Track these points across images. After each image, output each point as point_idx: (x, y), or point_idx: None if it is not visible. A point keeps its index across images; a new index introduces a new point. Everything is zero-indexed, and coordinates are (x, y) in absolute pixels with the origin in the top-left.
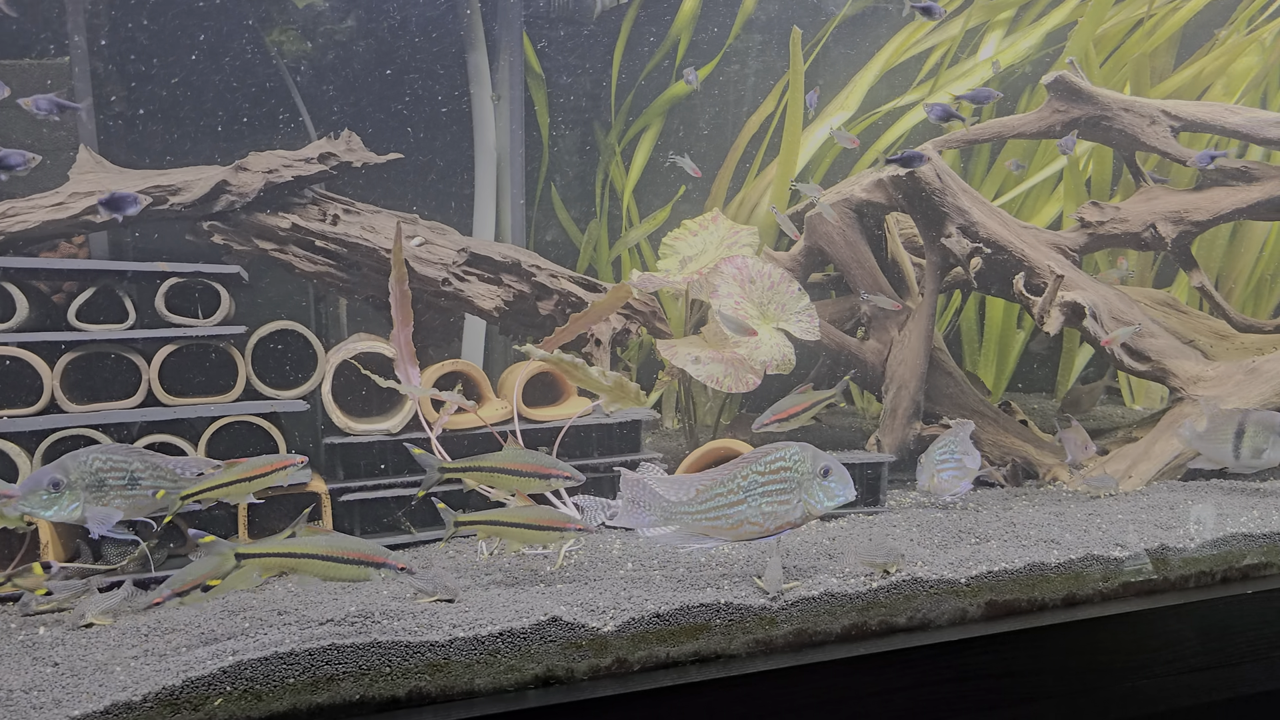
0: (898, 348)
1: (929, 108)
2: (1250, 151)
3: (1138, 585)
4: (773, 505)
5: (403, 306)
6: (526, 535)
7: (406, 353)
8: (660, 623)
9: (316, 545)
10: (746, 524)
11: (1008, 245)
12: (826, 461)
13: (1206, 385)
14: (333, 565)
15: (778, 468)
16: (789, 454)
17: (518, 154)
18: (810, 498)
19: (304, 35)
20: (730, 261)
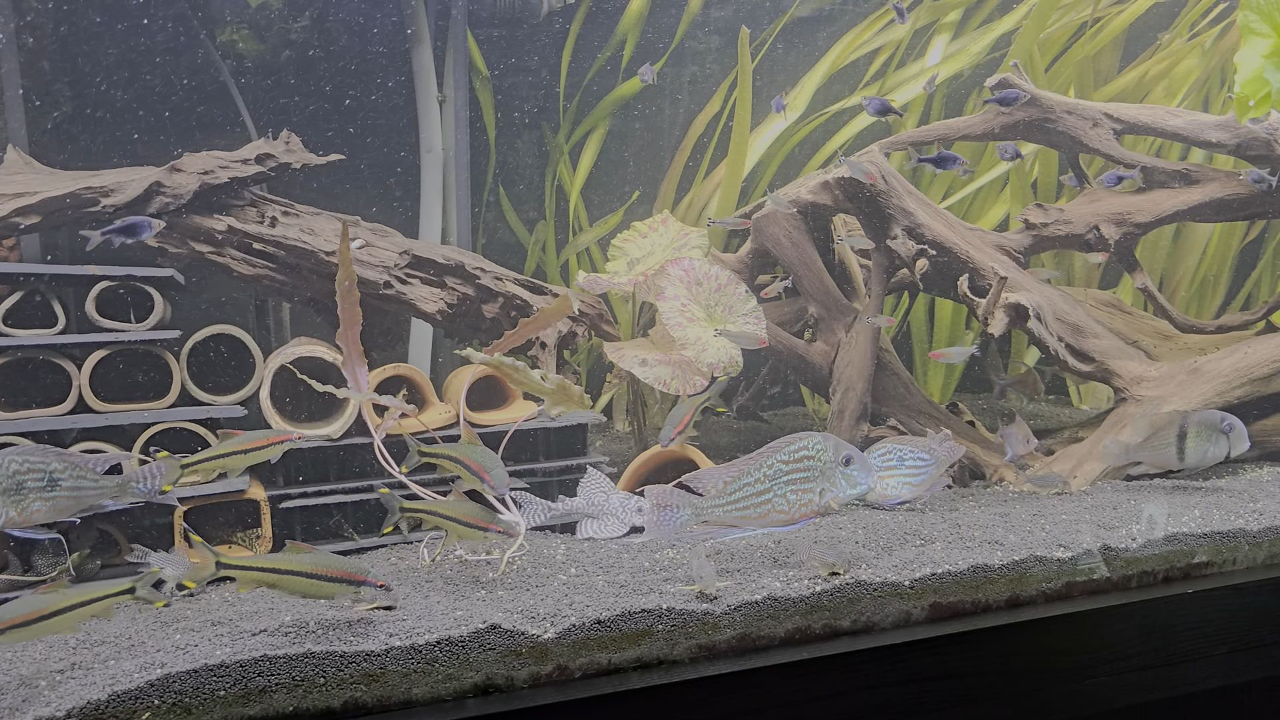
0: (845, 349)
1: (867, 101)
2: (1192, 154)
3: (1081, 586)
4: (797, 494)
5: (350, 306)
6: (458, 530)
7: (354, 353)
8: (602, 629)
9: (299, 562)
10: (774, 512)
11: (953, 247)
12: (848, 450)
13: (1150, 385)
14: (314, 583)
15: (801, 456)
16: (811, 443)
17: (463, 155)
18: (833, 486)
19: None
20: (677, 263)
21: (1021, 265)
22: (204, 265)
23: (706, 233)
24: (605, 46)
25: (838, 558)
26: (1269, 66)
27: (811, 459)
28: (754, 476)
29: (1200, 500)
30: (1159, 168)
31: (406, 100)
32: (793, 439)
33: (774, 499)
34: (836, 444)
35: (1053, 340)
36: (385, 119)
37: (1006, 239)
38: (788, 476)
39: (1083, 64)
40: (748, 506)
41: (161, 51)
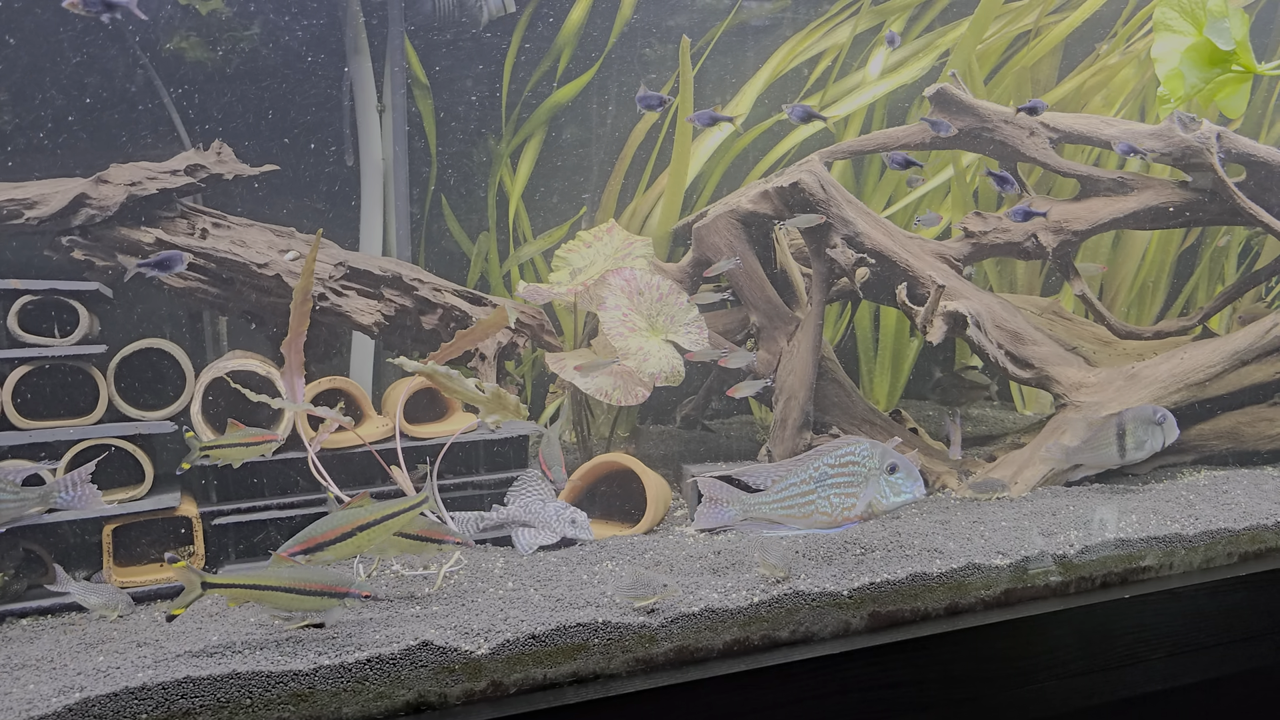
0: (787, 358)
1: (790, 110)
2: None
3: (1020, 592)
4: (841, 497)
5: (300, 317)
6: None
7: (295, 364)
8: (537, 644)
9: (281, 577)
10: (817, 514)
11: (892, 255)
12: (895, 459)
13: (1088, 391)
14: (297, 597)
15: (847, 461)
16: (859, 449)
17: (402, 165)
18: (876, 493)
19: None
20: (618, 273)
21: (961, 273)
22: (134, 279)
23: (650, 241)
24: (545, 56)
25: (779, 560)
26: (1186, 63)
27: (857, 464)
28: (800, 477)
29: (1138, 505)
30: (1096, 176)
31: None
32: (841, 443)
33: (818, 501)
34: (884, 452)
35: (992, 347)
36: (325, 129)
37: (946, 247)
38: (833, 480)
39: (1021, 74)
40: (793, 506)
41: (91, 60)
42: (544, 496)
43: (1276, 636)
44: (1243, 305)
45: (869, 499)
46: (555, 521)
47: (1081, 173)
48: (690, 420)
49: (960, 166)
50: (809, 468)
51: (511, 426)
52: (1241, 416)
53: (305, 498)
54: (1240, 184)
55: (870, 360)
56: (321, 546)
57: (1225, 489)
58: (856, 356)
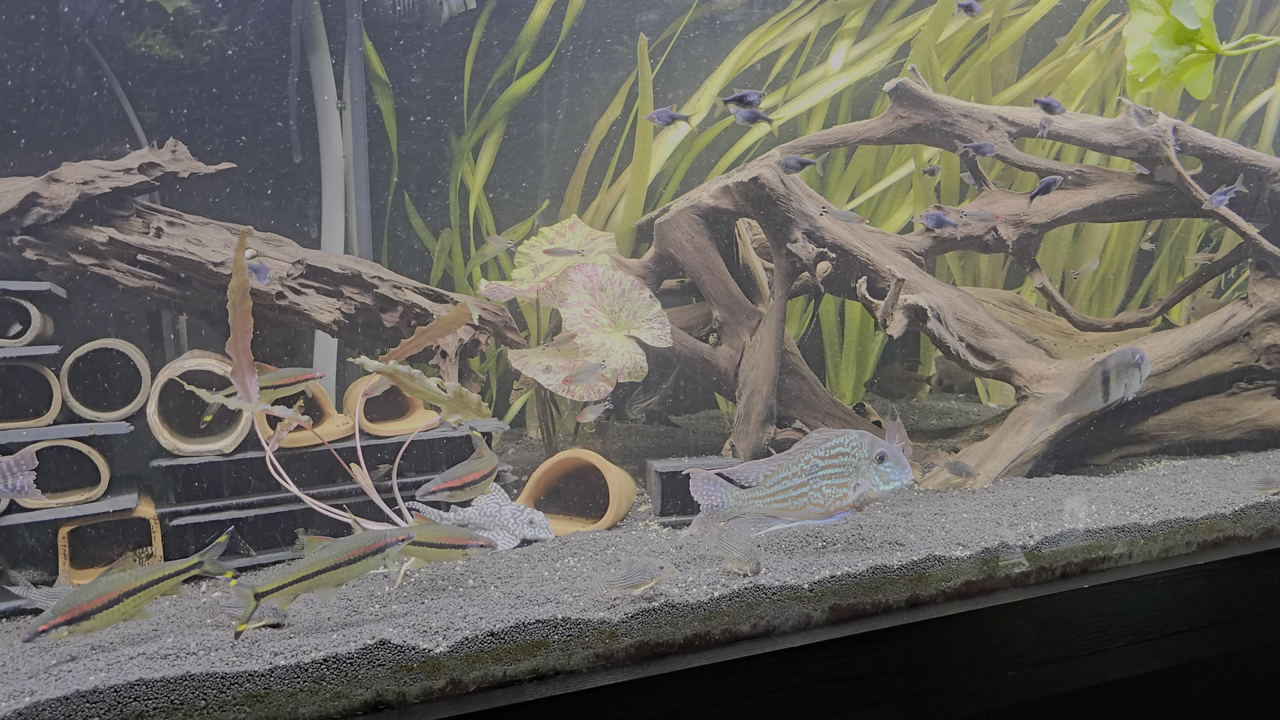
0: (750, 352)
1: (736, 112)
2: (1089, 157)
3: (980, 584)
4: (833, 488)
5: (240, 316)
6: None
7: (244, 364)
8: (496, 641)
9: (323, 559)
10: (810, 505)
11: (852, 249)
12: (883, 448)
13: (1049, 383)
14: (344, 570)
15: (837, 453)
16: (848, 440)
17: (362, 162)
18: (866, 481)
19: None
20: (580, 269)
21: (922, 267)
22: (89, 278)
23: (614, 237)
24: (507, 55)
25: (744, 554)
26: (1157, 43)
27: (847, 455)
28: (791, 471)
29: (1098, 496)
30: (1055, 170)
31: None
32: (830, 435)
33: (810, 493)
34: (872, 441)
35: (953, 340)
36: (282, 126)
37: (907, 241)
38: (824, 471)
39: (982, 69)
40: (786, 499)
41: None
42: (500, 500)
43: (1234, 624)
44: (1200, 296)
45: (859, 487)
46: (513, 524)
47: (1040, 166)
48: (654, 415)
49: (921, 161)
50: (800, 461)
51: (476, 423)
52: (1201, 407)
53: (263, 497)
54: (1197, 176)
55: (835, 354)
56: (88, 615)
57: (1184, 479)
58: (822, 350)
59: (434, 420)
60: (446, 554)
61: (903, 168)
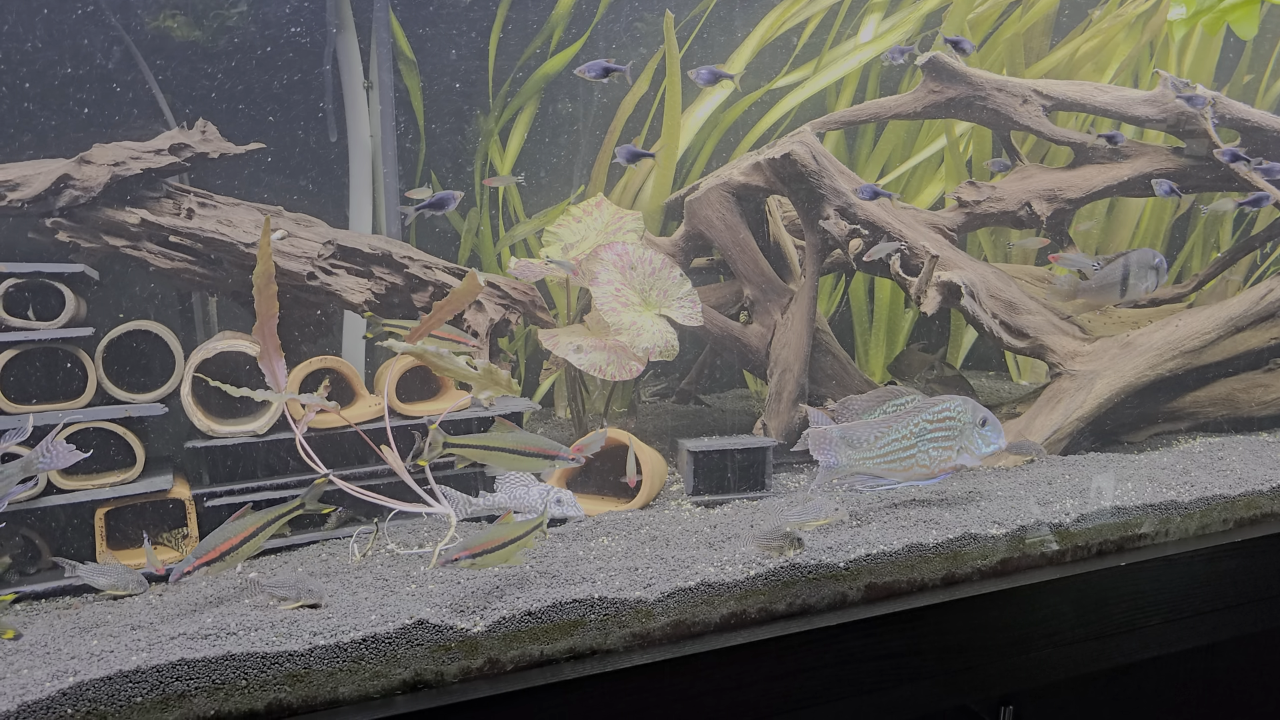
0: (781, 331)
1: (696, 73)
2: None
3: (1016, 562)
4: (939, 450)
5: (266, 300)
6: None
7: (271, 348)
8: (533, 620)
9: (506, 440)
10: (917, 466)
11: (885, 226)
12: (984, 413)
13: (1083, 360)
14: (518, 458)
15: (944, 417)
16: (954, 405)
17: (390, 142)
18: (970, 444)
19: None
20: (610, 248)
21: (955, 243)
22: (121, 260)
23: (641, 215)
24: (538, 34)
25: (779, 535)
26: None
27: (953, 419)
28: (901, 433)
29: (1134, 473)
30: (1089, 143)
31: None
32: (937, 400)
33: (918, 454)
34: (975, 407)
35: (987, 317)
36: (313, 107)
37: (940, 217)
38: (931, 434)
39: (1014, 41)
40: (895, 460)
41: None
42: (527, 481)
43: (1272, 601)
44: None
45: (963, 450)
46: (541, 505)
47: (1075, 140)
48: (685, 395)
49: (953, 135)
50: (910, 424)
51: (506, 403)
52: (1237, 383)
53: (297, 479)
54: None
55: (865, 332)
56: (223, 556)
57: (1221, 455)
58: (852, 328)
59: (464, 399)
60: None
61: (934, 143)
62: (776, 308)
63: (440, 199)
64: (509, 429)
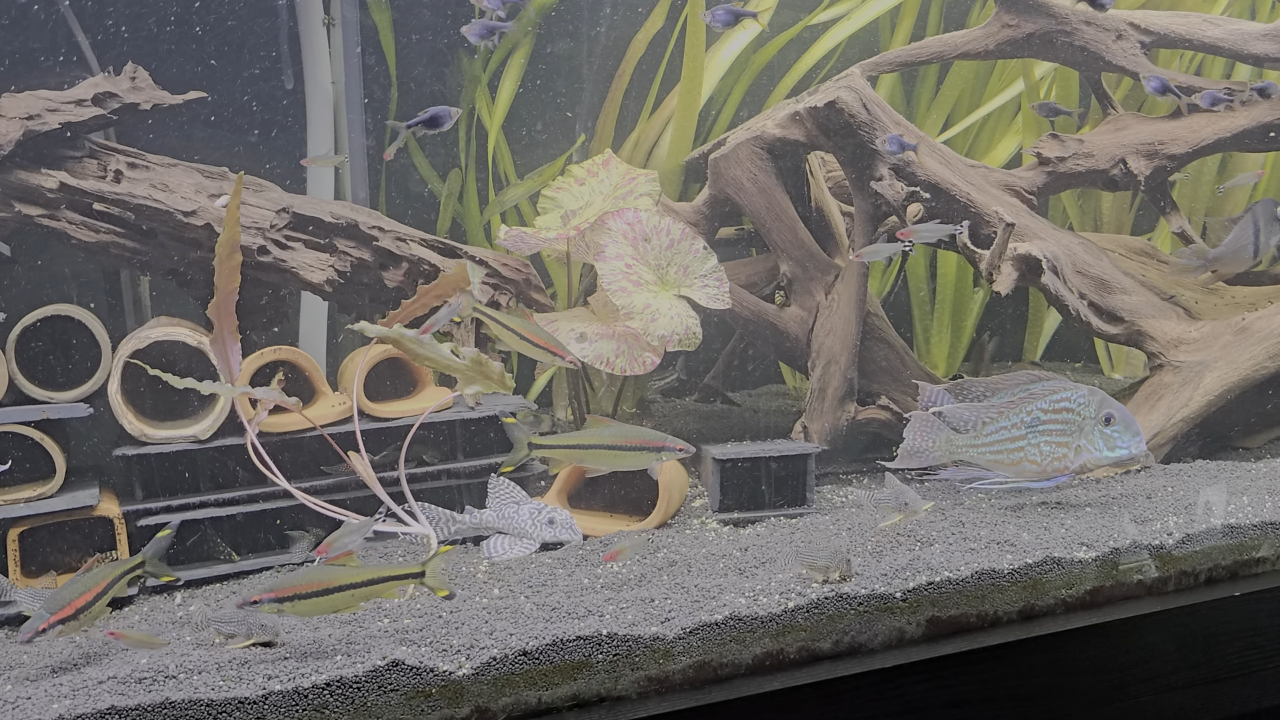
0: (825, 315)
1: (711, 14)
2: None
3: (1108, 591)
4: (1051, 446)
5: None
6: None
7: (227, 330)
8: (529, 661)
9: (603, 436)
10: (1026, 462)
11: (950, 189)
12: (1112, 409)
13: (1190, 348)
14: (619, 454)
15: (1061, 408)
16: (1075, 395)
17: (355, 90)
18: (1089, 444)
19: None
20: (619, 216)
21: (1034, 208)
22: (35, 232)
23: (656, 176)
24: None
25: (831, 559)
26: None
27: (1072, 412)
28: (1011, 421)
29: (1249, 485)
30: (1198, 88)
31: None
32: (1058, 386)
33: (1027, 448)
34: (1102, 400)
35: (1073, 297)
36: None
37: (1016, 177)
38: (1044, 426)
39: None
40: (1001, 451)
41: None
42: (516, 498)
43: None
44: None
45: (1082, 451)
46: (530, 525)
47: (1180, 83)
48: (710, 391)
49: (1032, 79)
50: (1022, 412)
51: (496, 402)
52: None
53: (248, 492)
54: None
55: (926, 316)
56: None
57: None
58: (910, 312)
59: (448, 398)
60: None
61: (1009, 89)
62: (819, 287)
63: (435, 115)
64: (603, 422)
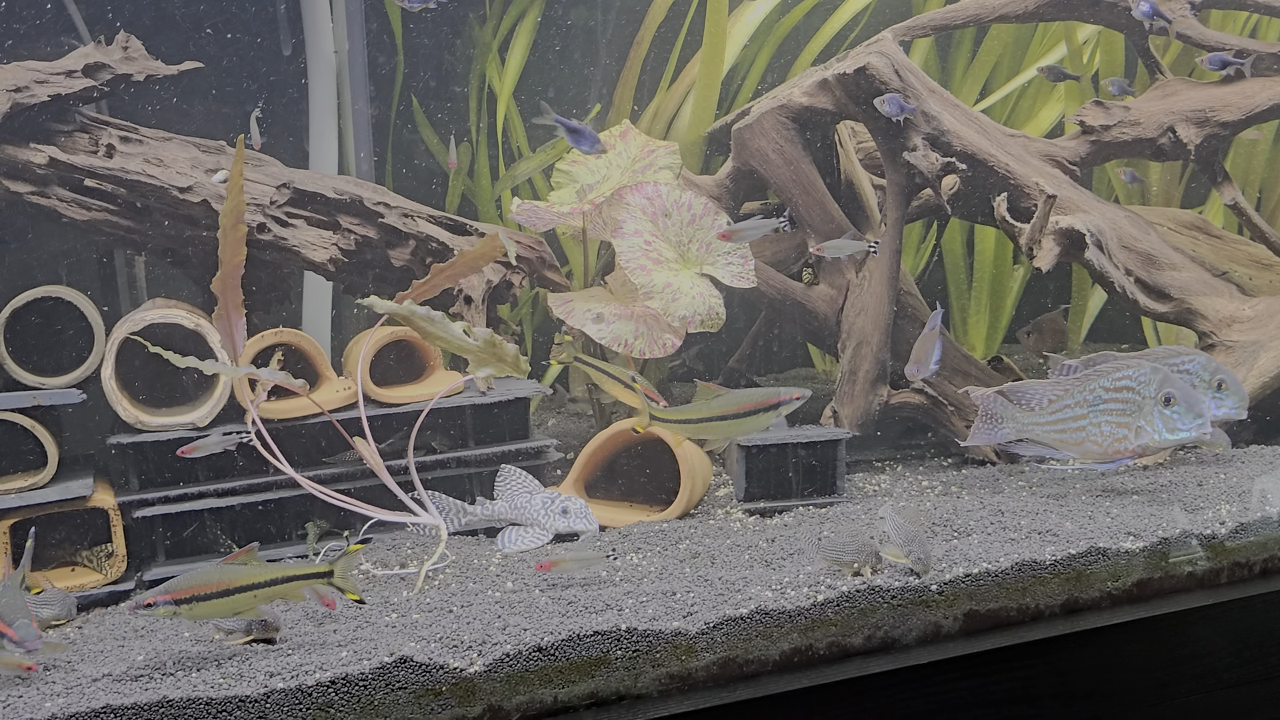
0: (856, 293)
1: None
2: None
3: (1156, 584)
4: (1111, 426)
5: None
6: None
7: (231, 303)
8: (544, 658)
9: (713, 408)
10: (1088, 442)
11: (988, 159)
12: (1173, 388)
13: (1243, 327)
14: (737, 423)
15: (1121, 385)
16: (1136, 373)
17: (359, 59)
18: (1148, 425)
19: None
20: (637, 190)
21: (1077, 179)
22: (24, 210)
23: (677, 148)
24: None
25: (858, 553)
26: None
27: (1132, 391)
28: (1075, 399)
29: None
30: (1251, 50)
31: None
32: (1120, 364)
33: (1089, 427)
34: (1164, 379)
35: (1118, 274)
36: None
37: (1058, 147)
38: (1105, 405)
39: None
40: (1065, 430)
41: None
42: (529, 487)
43: None
44: None
45: (1141, 431)
46: (542, 515)
47: (1232, 44)
48: (734, 375)
49: (1075, 43)
50: (1085, 389)
51: (507, 386)
52: None
53: (250, 481)
54: None
55: (963, 295)
56: None
57: None
58: (945, 290)
59: (458, 382)
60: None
61: (1050, 53)
62: (850, 264)
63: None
64: (712, 390)
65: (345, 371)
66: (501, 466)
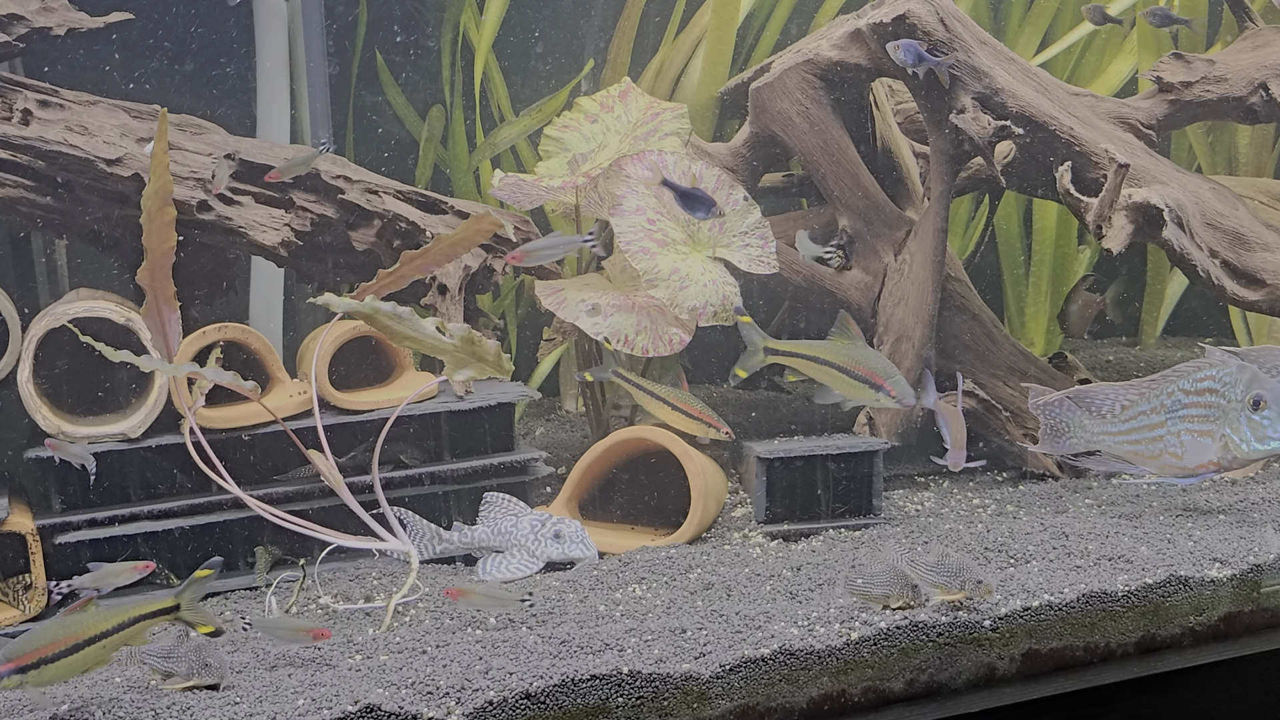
0: (894, 280)
1: None
2: None
3: (1245, 618)
4: (1193, 435)
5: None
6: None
7: (162, 298)
8: (532, 706)
9: (839, 353)
10: (1166, 454)
11: (1048, 122)
12: (1262, 390)
13: None
14: (847, 380)
15: (1204, 389)
16: (1221, 374)
17: (315, 9)
18: (1235, 433)
19: None
20: (640, 160)
21: (1154, 145)
22: None
23: (685, 111)
24: None
25: (892, 585)
26: None
27: (1217, 394)
28: (1150, 405)
29: None
30: None
31: None
32: (1202, 364)
33: (1167, 436)
34: (1252, 379)
35: (1202, 256)
36: None
37: (1130, 108)
38: (1185, 411)
39: None
40: (1140, 440)
41: None
42: (515, 510)
43: None
44: None
45: (1225, 440)
46: (531, 540)
47: None
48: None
49: None
50: (1162, 394)
51: (489, 390)
52: None
53: (190, 502)
54: None
55: (1019, 281)
56: None
57: None
58: (999, 276)
59: (430, 385)
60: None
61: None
62: (887, 246)
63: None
64: (852, 333)
65: (300, 373)
66: (485, 495)
